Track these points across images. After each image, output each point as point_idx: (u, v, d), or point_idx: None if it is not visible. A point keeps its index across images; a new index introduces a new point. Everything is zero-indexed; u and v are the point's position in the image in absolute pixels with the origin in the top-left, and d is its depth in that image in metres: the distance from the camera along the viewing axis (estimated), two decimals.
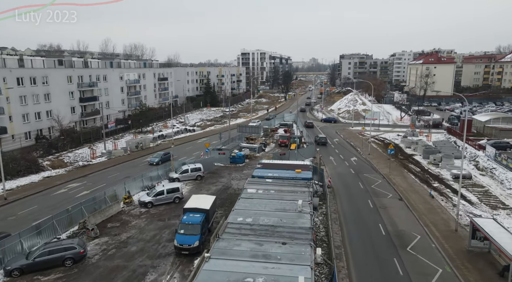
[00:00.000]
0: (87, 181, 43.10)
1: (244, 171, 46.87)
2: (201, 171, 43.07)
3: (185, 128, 78.11)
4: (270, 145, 62.45)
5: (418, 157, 52.94)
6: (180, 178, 41.98)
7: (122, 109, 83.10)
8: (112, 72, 79.33)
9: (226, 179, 43.53)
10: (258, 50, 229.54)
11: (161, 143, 65.40)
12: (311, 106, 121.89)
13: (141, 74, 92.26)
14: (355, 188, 40.35)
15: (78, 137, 62.83)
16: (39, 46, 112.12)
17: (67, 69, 66.78)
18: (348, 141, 66.37)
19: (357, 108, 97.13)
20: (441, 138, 64.90)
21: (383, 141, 65.11)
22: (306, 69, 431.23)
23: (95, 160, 53.34)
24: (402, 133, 71.90)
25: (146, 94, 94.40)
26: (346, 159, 53.29)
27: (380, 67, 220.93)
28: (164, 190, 35.24)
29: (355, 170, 47.56)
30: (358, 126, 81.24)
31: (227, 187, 40.60)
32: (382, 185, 41.02)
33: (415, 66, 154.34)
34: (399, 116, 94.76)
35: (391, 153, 45.04)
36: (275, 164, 39.52)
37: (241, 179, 43.43)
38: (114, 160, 53.09)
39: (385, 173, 45.07)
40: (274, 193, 29.98)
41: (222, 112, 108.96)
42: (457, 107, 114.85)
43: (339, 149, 59.99)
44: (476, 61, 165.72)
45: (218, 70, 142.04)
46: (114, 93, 79.81)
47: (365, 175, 45.04)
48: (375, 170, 47.43)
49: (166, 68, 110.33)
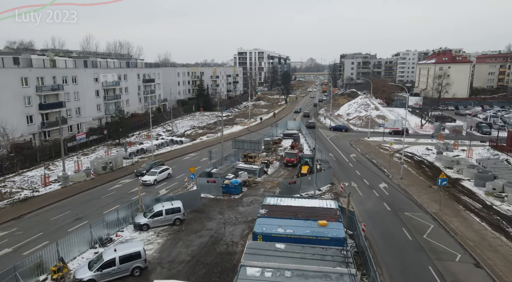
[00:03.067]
0: (18, 226, 30.53)
1: (241, 208, 34.52)
2: (181, 212, 30.66)
3: (171, 140, 65.62)
4: (274, 164, 50.08)
5: (467, 183, 40.75)
6: (150, 223, 29.57)
7: (98, 116, 70.59)
8: (84, 72, 66.72)
9: (216, 222, 31.12)
10: (256, 49, 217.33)
11: (139, 161, 52.85)
12: (316, 111, 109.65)
13: (122, 75, 79.68)
14: (400, 240, 28.04)
15: (34, 154, 50.32)
16: (7, 43, 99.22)
17: (22, 69, 54.15)
18: (369, 157, 54.10)
19: (370, 114, 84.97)
20: (484, 154, 52.85)
21: (412, 158, 52.90)
22: (305, 69, 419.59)
23: (47, 187, 40.81)
24: (430, 146, 59.84)
25: (128, 98, 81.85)
26: (373, 186, 41.05)
27: (385, 67, 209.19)
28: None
29: (390, 204, 35.29)
30: (375, 137, 69.10)
31: (216, 238, 28.20)
32: (437, 234, 28.75)
33: (426, 66, 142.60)
34: (419, 123, 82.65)
35: (443, 184, 32.96)
36: (285, 207, 27.29)
37: (237, 222, 31.08)
38: (70, 188, 40.59)
39: (434, 211, 32.86)
40: (293, 277, 17.82)
41: (216, 117, 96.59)
42: (478, 112, 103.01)
43: (360, 169, 47.75)
44: (490, 60, 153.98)
45: (213, 70, 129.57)
46: (87, 97, 67.23)
47: (406, 214, 32.78)
48: (417, 204, 35.19)
49: (153, 68, 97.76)
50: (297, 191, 37.81)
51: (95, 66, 72.73)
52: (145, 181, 41.73)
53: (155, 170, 43.51)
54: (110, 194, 38.89)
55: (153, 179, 42.02)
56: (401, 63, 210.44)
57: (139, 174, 44.46)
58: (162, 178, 43.53)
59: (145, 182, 41.54)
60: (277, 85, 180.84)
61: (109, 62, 78.76)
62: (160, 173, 43.20)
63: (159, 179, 42.81)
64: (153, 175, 42.67)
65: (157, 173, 42.91)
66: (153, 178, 42.14)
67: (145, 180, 41.85)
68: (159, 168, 44.58)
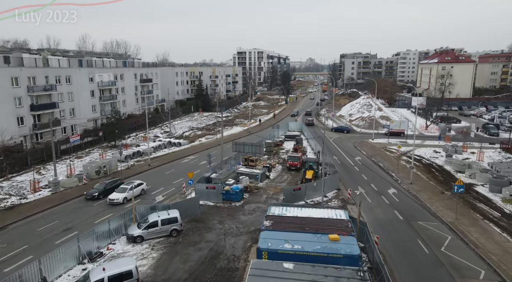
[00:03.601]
0: (1, 238, 28.13)
1: (243, 216, 32.23)
2: (178, 223, 28.35)
3: (169, 141, 63.31)
4: (276, 168, 47.80)
5: (481, 189, 38.51)
6: (144, 235, 27.26)
7: (93, 117, 68.22)
8: (78, 72, 64.32)
9: (216, 233, 28.82)
10: (255, 49, 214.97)
11: (135, 164, 50.53)
12: (317, 111, 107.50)
13: (119, 75, 77.31)
14: (416, 253, 25.78)
15: (24, 157, 47.97)
16: (1, 42, 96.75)
17: (12, 68, 51.78)
18: (375, 160, 51.88)
19: (374, 115, 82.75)
20: (495, 156, 50.69)
21: (420, 161, 50.67)
22: (304, 69, 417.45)
23: (36, 194, 38.46)
24: (437, 148, 57.67)
25: (124, 98, 79.46)
26: (382, 192, 38.80)
27: (385, 67, 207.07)
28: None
29: (401, 212, 33.04)
30: (380, 138, 66.91)
31: (216, 252, 25.89)
32: (456, 247, 26.50)
33: (428, 65, 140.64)
34: (423, 124, 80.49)
35: (460, 191, 30.72)
36: (291, 218, 25.01)
37: (238, 233, 28.79)
38: (61, 194, 38.21)
39: (450, 220, 30.62)
40: None
41: (215, 118, 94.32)
42: (483, 112, 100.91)
43: (366, 173, 45.50)
44: (493, 60, 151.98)
45: (212, 70, 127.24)
46: (82, 98, 64.85)
47: (420, 223, 30.54)
48: (431, 212, 32.95)
49: (151, 68, 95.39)
50: (302, 198, 35.58)
51: (90, 66, 70.33)
52: (112, 199, 35.24)
53: (125, 186, 36.90)
54: (102, 200, 36.51)
55: (122, 197, 35.41)
56: (401, 63, 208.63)
57: (89, 196, 36.32)
58: (135, 195, 35.46)
59: (112, 201, 35.11)
60: (276, 85, 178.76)
61: (105, 61, 76.35)
62: (132, 189, 36.14)
63: (130, 196, 35.18)
64: (123, 192, 36.04)
65: (127, 190, 36.21)
66: (122, 196, 35.49)
67: (112, 198, 35.35)
68: (130, 183, 37.91)
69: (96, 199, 36.34)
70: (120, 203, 35.26)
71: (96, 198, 36.35)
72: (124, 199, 35.66)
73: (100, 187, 37.46)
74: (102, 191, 36.99)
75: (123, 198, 35.65)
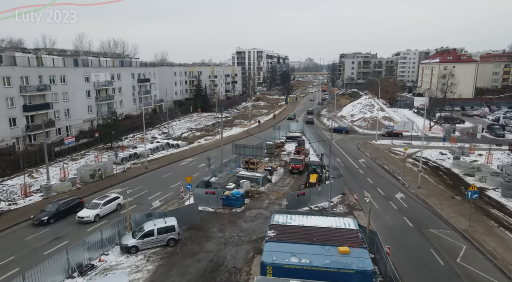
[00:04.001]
0: None
1: (244, 224, 30.50)
2: (175, 232, 26.60)
3: (167, 143, 61.57)
4: (278, 171, 46.09)
5: (493, 194, 36.85)
6: (139, 245, 25.51)
7: (89, 118, 66.43)
8: (74, 71, 62.52)
9: (216, 243, 27.07)
10: (254, 48, 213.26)
11: (131, 167, 48.77)
12: (318, 111, 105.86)
13: (115, 75, 75.50)
14: (430, 265, 24.08)
15: (16, 160, 46.16)
16: None
17: (4, 67, 49.90)
18: (379, 162, 50.22)
19: (376, 116, 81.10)
20: (504, 159, 49.06)
21: (426, 163, 48.99)
22: (303, 69, 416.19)
23: (27, 198, 36.67)
24: (443, 150, 56.05)
25: (122, 99, 77.67)
26: (389, 196, 37.12)
27: (386, 67, 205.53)
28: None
29: (411, 219, 31.36)
30: (383, 140, 65.25)
31: (216, 263, 24.16)
32: (473, 258, 24.80)
33: (430, 65, 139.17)
34: (427, 125, 78.81)
35: (474, 197, 29.05)
36: (297, 228, 23.28)
37: (240, 242, 27.07)
38: (53, 199, 36.26)
39: (463, 228, 28.93)
40: None
41: (214, 119, 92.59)
42: (486, 113, 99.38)
43: (371, 176, 43.82)
44: (494, 60, 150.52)
45: (211, 70, 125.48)
46: (77, 98, 63.04)
47: (432, 232, 28.85)
48: (442, 219, 31.25)
49: (149, 67, 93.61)
50: (306, 203, 33.88)
51: (86, 65, 68.48)
52: (81, 217, 30.54)
53: (98, 201, 32.12)
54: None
55: (93, 214, 30.79)
56: (401, 63, 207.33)
57: (37, 221, 29.88)
58: (109, 211, 32.27)
59: (81, 220, 30.44)
60: (276, 85, 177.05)
61: (102, 61, 74.49)
62: (105, 205, 32.03)
63: (103, 213, 31.64)
64: (95, 208, 31.39)
65: (100, 205, 31.57)
66: (93, 213, 30.89)
67: (82, 216, 30.62)
68: (104, 197, 33.06)
69: (46, 224, 29.77)
70: (90, 221, 30.56)
71: (45, 223, 29.83)
72: (96, 216, 30.94)
73: (51, 209, 30.99)
74: (54, 213, 30.58)
75: (95, 215, 30.89)
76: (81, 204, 33.27)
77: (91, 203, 32.51)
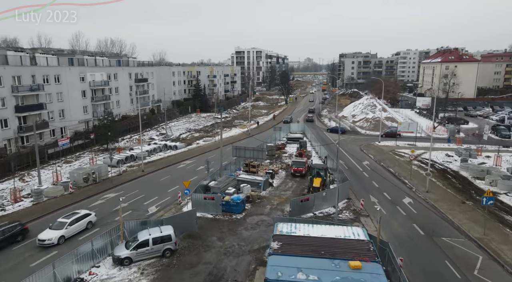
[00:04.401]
0: None
1: (245, 232, 28.80)
2: (172, 241, 24.88)
3: (164, 145, 59.82)
4: (279, 174, 44.39)
5: (505, 198, 35.22)
6: (133, 256, 23.78)
7: (84, 119, 64.64)
8: (69, 71, 60.75)
9: (215, 253, 25.36)
10: (253, 48, 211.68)
11: (127, 170, 47.01)
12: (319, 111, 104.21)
13: (112, 74, 73.75)
14: (446, 278, 22.36)
15: (7, 163, 44.37)
16: None
17: None
18: (384, 165, 48.56)
19: (378, 116, 79.49)
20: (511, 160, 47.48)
21: (433, 165, 47.26)
22: (302, 69, 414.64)
23: (17, 204, 34.90)
24: (449, 151, 54.41)
25: (118, 99, 75.92)
26: (396, 201, 35.45)
27: (386, 66, 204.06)
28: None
29: (421, 226, 29.67)
30: (387, 141, 63.58)
31: (216, 276, 22.44)
32: (491, 270, 23.13)
33: (431, 65, 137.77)
34: (430, 125, 77.26)
35: (489, 203, 27.42)
36: (302, 239, 21.56)
37: (241, 252, 25.36)
38: (44, 205, 34.67)
39: (478, 236, 27.26)
40: None
41: (213, 119, 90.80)
42: (489, 113, 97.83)
43: (376, 179, 42.17)
44: (496, 59, 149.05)
45: (209, 69, 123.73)
46: (72, 98, 61.24)
47: (444, 240, 27.16)
48: (454, 226, 29.59)
49: (146, 67, 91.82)
50: (310, 209, 32.22)
51: (82, 64, 66.72)
52: (42, 240, 25.89)
53: (63, 220, 27.44)
54: None
55: (57, 236, 26.13)
56: (401, 62, 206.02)
57: None
58: (77, 231, 27.81)
59: (42, 243, 25.82)
60: (275, 85, 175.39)
61: (98, 60, 72.71)
62: (72, 224, 27.51)
63: (69, 234, 27.16)
64: (59, 228, 26.78)
65: (66, 225, 26.99)
66: (57, 235, 26.20)
67: (43, 239, 25.93)
68: (71, 215, 28.22)
69: None
70: (53, 244, 25.98)
71: None
72: (60, 238, 26.37)
73: None
74: None
75: (59, 237, 26.28)
76: (24, 231, 27.41)
77: (55, 222, 27.63)
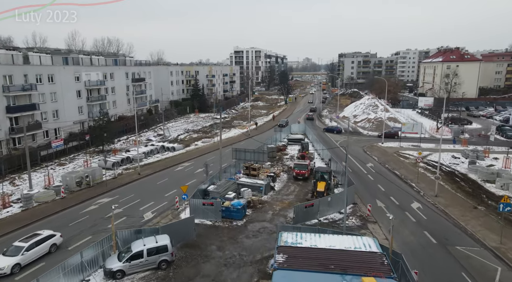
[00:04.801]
0: None
1: (247, 240, 27.09)
2: (168, 252, 23.15)
3: (162, 146, 58.07)
4: (281, 176, 42.69)
5: None
6: (126, 269, 22.05)
7: (79, 119, 62.80)
8: (63, 70, 58.92)
9: (215, 264, 23.66)
10: (252, 48, 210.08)
11: (123, 173, 45.23)
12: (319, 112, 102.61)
13: (108, 74, 71.91)
14: None
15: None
16: None
17: None
18: (389, 167, 46.94)
19: (380, 116, 77.91)
20: None
21: (440, 168, 45.61)
22: (301, 69, 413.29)
23: (5, 210, 33.09)
24: (456, 153, 52.82)
25: (115, 99, 74.08)
26: (404, 206, 33.80)
27: (385, 66, 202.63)
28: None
29: (433, 234, 28.00)
30: (389, 142, 61.97)
31: None
32: None
33: (432, 64, 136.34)
34: (433, 126, 75.84)
35: (507, 210, 25.83)
36: (309, 251, 19.84)
37: (242, 263, 23.66)
38: (33, 211, 32.88)
39: (494, 245, 25.63)
40: None
41: (212, 119, 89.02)
42: (492, 113, 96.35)
43: (382, 183, 40.51)
44: (497, 59, 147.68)
45: (208, 69, 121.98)
46: (67, 98, 59.40)
47: (459, 249, 25.51)
48: (468, 233, 27.94)
49: (144, 66, 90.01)
50: (314, 215, 30.55)
51: (77, 64, 64.87)
52: None
53: (20, 244, 23.32)
54: (82, 219, 31.29)
55: (10, 265, 22.23)
56: (401, 62, 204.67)
57: None
58: (37, 256, 23.82)
59: None
60: (275, 85, 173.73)
61: (94, 59, 70.88)
62: (30, 249, 23.37)
63: (27, 259, 23.15)
64: (15, 254, 22.81)
65: (22, 251, 22.95)
66: (11, 263, 22.31)
67: None
68: (31, 238, 24.10)
69: None
70: (5, 274, 22.04)
71: None
72: (15, 266, 22.40)
73: None
74: None
75: (13, 265, 22.30)
76: None
77: (10, 246, 23.54)
